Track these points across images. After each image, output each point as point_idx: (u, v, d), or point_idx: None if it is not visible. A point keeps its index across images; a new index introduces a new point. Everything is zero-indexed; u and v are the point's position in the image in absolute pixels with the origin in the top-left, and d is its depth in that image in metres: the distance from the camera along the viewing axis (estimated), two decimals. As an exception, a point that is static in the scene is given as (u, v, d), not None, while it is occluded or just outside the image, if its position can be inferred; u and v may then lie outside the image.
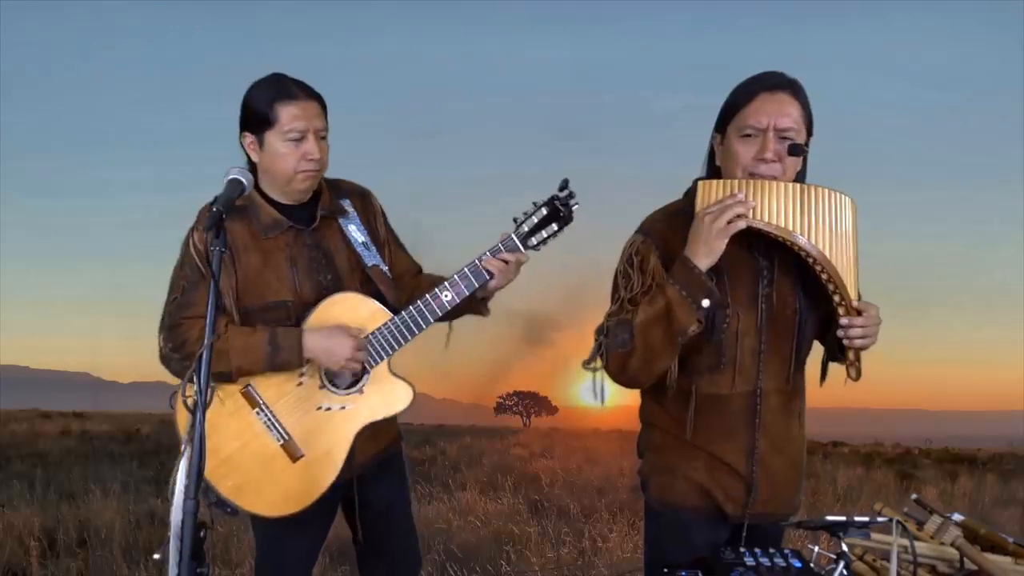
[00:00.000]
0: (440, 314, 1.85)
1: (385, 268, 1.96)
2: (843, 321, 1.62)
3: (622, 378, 1.68)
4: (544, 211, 1.83)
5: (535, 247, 1.86)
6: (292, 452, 1.83)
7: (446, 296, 1.84)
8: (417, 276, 2.11)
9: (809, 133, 1.69)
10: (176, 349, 1.79)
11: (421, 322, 1.84)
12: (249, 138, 1.84)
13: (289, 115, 1.78)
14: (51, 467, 8.90)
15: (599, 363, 1.69)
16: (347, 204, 1.97)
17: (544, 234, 1.85)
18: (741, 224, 1.56)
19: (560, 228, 1.85)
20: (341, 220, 1.93)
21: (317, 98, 1.84)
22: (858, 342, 1.62)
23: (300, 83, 1.83)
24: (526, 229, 1.84)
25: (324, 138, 1.86)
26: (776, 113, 1.61)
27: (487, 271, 1.85)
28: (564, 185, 1.83)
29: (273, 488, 1.82)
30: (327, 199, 1.93)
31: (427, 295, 1.84)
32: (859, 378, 1.69)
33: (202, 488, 1.77)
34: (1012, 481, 10.04)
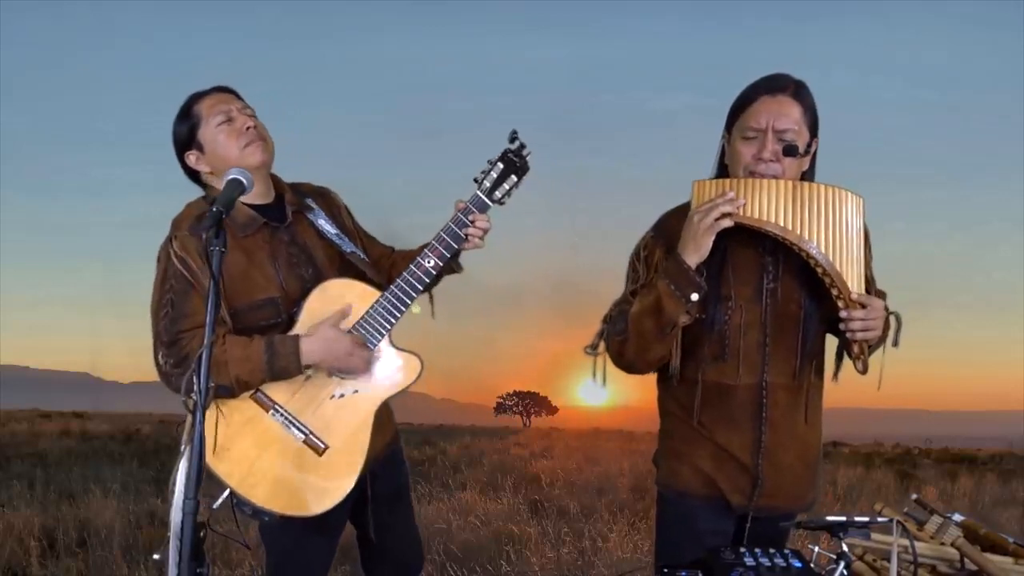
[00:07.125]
0: (428, 280, 1.87)
1: (362, 254, 2.00)
2: (842, 314, 1.65)
3: (620, 363, 1.77)
4: (500, 165, 1.90)
5: (500, 201, 1.92)
6: (316, 446, 1.82)
7: (429, 262, 1.87)
8: (392, 255, 2.16)
9: (813, 134, 1.71)
10: (179, 364, 1.72)
11: (412, 291, 1.86)
12: (192, 155, 1.88)
13: (206, 106, 1.86)
14: (51, 467, 8.90)
15: (602, 348, 1.79)
16: (311, 202, 2.00)
17: (506, 186, 1.91)
18: (727, 222, 1.60)
19: (519, 179, 1.92)
20: (310, 216, 1.97)
21: (226, 88, 1.91)
22: (859, 335, 1.65)
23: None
24: (488, 185, 1.90)
25: (253, 115, 1.90)
26: (775, 114, 1.65)
27: (465, 235, 1.89)
28: (513, 136, 1.90)
29: (306, 486, 1.80)
30: (291, 196, 1.97)
31: (411, 265, 1.87)
32: (866, 372, 1.72)
33: (236, 501, 1.76)
34: (1012, 481, 10.03)
